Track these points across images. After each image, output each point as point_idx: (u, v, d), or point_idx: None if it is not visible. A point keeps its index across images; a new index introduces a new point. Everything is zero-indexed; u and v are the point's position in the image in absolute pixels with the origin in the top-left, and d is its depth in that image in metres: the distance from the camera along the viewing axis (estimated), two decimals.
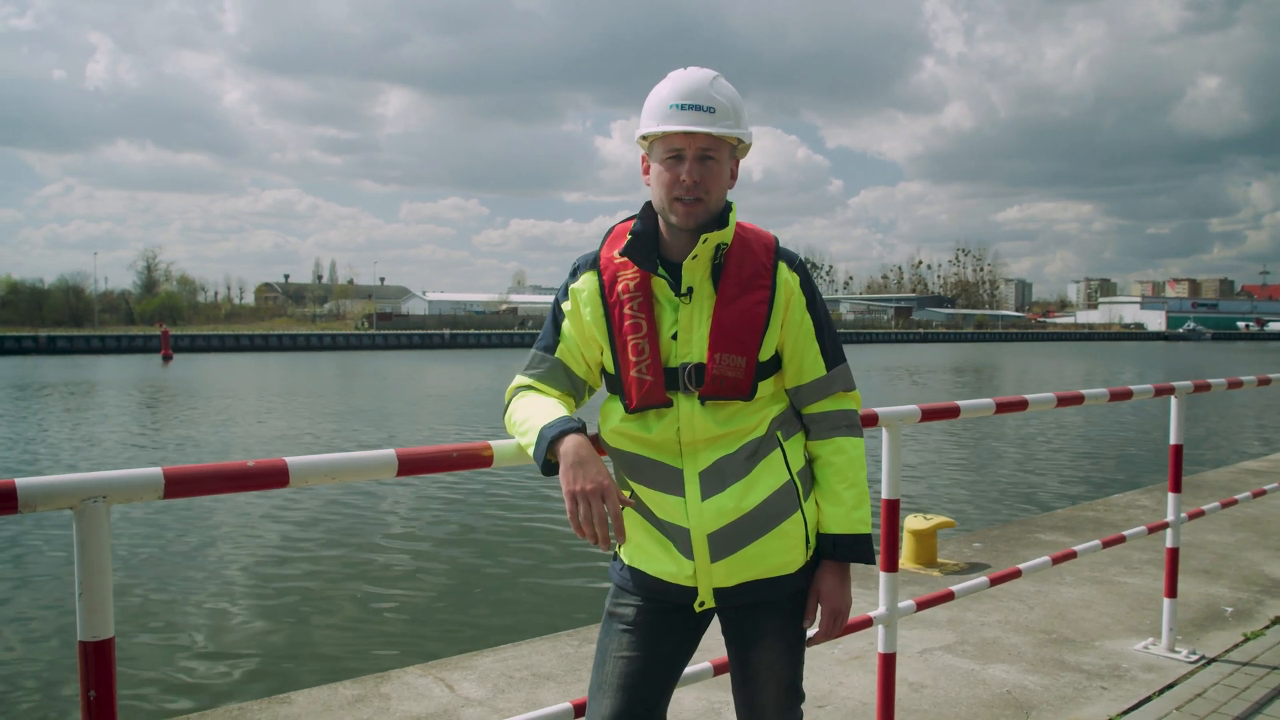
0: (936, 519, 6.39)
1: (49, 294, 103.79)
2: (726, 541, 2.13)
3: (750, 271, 2.15)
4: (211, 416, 25.92)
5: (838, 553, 2.21)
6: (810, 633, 2.30)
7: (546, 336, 2.27)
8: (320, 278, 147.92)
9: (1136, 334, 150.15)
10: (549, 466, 2.08)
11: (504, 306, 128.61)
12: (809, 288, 2.22)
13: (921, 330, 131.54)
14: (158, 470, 1.79)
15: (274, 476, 1.92)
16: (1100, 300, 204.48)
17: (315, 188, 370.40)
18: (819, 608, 2.25)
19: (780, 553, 2.17)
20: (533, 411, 2.16)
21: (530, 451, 2.12)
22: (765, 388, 2.18)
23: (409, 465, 2.09)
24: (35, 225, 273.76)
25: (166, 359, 60.38)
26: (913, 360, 63.54)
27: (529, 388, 2.26)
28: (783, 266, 2.19)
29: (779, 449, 2.19)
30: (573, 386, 2.26)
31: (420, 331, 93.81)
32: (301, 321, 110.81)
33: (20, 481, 1.67)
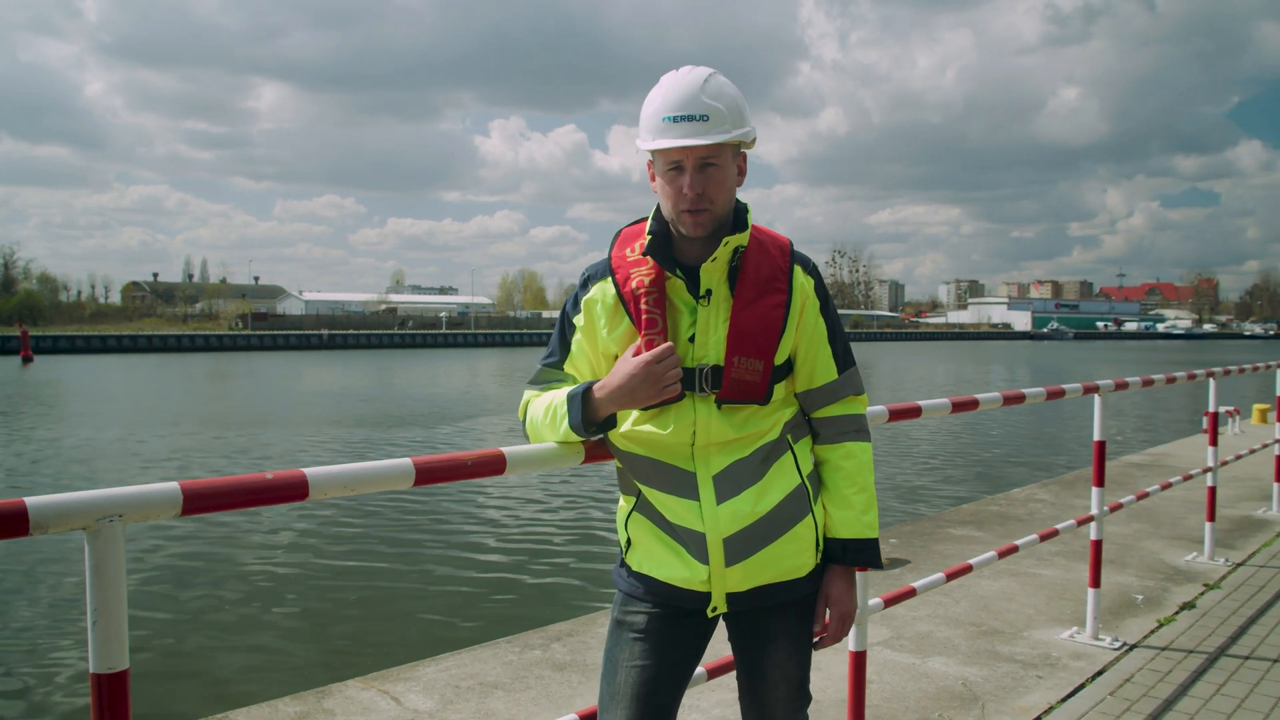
0: None
1: None
2: (742, 545, 2.12)
3: (767, 274, 2.14)
4: (81, 423, 24.70)
5: (847, 557, 2.22)
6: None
7: (554, 352, 2.26)
8: (191, 276, 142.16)
9: (1004, 334, 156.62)
10: (593, 426, 2.15)
11: (383, 306, 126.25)
12: (822, 292, 2.22)
13: None
14: (175, 486, 1.68)
15: (293, 489, 1.83)
16: (969, 301, 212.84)
17: (184, 183, 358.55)
18: (827, 611, 2.25)
19: (793, 556, 2.17)
20: (546, 401, 2.22)
21: (565, 426, 2.16)
22: (778, 391, 2.17)
23: (426, 475, 2.02)
24: None
25: (26, 360, 57.31)
26: None
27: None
28: (798, 270, 2.18)
29: (790, 452, 2.19)
30: None
31: (297, 332, 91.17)
32: (172, 322, 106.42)
33: (30, 501, 1.54)
